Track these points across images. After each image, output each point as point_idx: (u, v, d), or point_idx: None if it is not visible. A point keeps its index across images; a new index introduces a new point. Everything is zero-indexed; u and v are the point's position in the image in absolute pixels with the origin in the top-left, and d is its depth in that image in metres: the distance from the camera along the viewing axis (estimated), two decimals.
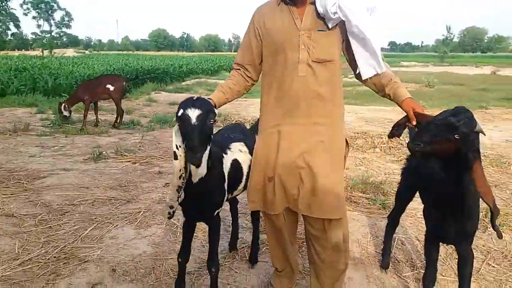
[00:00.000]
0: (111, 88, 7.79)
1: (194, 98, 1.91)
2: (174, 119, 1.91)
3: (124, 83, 8.16)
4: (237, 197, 3.05)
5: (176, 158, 1.89)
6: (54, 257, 2.93)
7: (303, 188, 2.11)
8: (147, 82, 17.36)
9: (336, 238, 2.16)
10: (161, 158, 5.68)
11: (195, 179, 2.06)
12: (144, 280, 2.75)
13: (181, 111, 1.85)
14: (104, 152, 5.61)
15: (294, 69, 2.06)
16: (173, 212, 2.08)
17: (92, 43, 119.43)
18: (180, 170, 1.91)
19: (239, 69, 2.30)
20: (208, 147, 1.98)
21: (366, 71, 2.12)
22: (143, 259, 3.01)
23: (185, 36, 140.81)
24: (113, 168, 5.13)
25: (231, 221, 3.31)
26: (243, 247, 3.28)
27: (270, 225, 2.39)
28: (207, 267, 2.39)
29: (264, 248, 3.21)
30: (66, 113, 7.73)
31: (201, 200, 2.15)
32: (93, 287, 2.64)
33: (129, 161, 5.45)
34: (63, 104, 7.74)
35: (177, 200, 2.03)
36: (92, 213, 3.72)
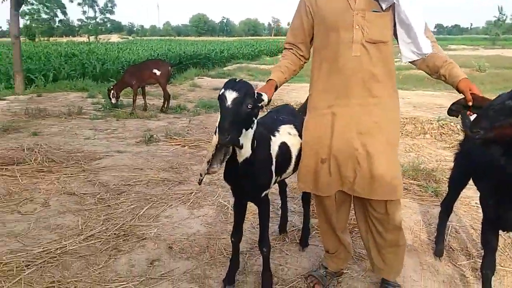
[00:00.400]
0: (158, 72, 7.97)
1: (236, 80, 1.93)
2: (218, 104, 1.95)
3: (170, 68, 8.31)
4: (286, 180, 3.08)
5: (215, 133, 1.93)
6: (114, 234, 3.10)
7: (360, 170, 2.12)
8: (190, 68, 17.62)
9: (398, 218, 2.24)
10: (209, 142, 5.78)
11: (239, 159, 2.09)
12: (199, 258, 2.86)
13: (221, 91, 1.89)
14: (154, 136, 5.78)
15: (347, 48, 2.05)
16: (201, 180, 2.17)
17: (134, 28, 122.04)
18: (216, 146, 1.96)
19: (291, 48, 2.32)
20: (249, 131, 2.00)
21: (406, 55, 2.12)
22: (198, 238, 3.12)
23: (224, 20, 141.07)
24: (164, 151, 5.30)
25: (279, 204, 3.36)
26: (292, 230, 3.31)
27: (321, 208, 2.41)
28: (258, 247, 2.44)
29: (314, 232, 3.24)
30: (113, 101, 7.99)
31: (247, 180, 2.18)
32: (152, 263, 2.77)
33: (178, 144, 5.60)
34: (111, 91, 8.00)
35: (206, 171, 2.08)
36: (147, 193, 3.88)
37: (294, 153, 2.55)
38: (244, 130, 1.95)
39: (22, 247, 2.82)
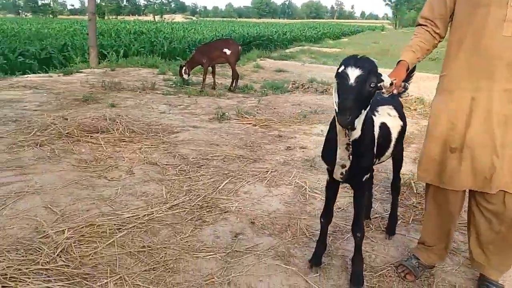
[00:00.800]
0: (228, 52, 7.97)
1: (358, 57, 1.80)
2: (334, 76, 1.83)
3: (239, 47, 8.30)
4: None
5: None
6: (198, 205, 3.13)
7: (501, 163, 1.94)
8: (252, 49, 17.60)
9: None
10: (279, 122, 5.73)
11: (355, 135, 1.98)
12: (282, 236, 2.82)
13: (341, 68, 1.74)
14: (226, 114, 5.81)
15: (497, 27, 1.84)
16: (346, 172, 2.02)
17: (197, 9, 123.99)
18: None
19: (425, 24, 2.13)
20: (364, 112, 1.86)
21: None
22: (278, 216, 3.08)
23: (286, 3, 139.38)
24: (236, 129, 5.30)
25: None
26: (376, 218, 3.18)
27: (436, 200, 2.25)
28: (352, 232, 2.35)
29: (400, 221, 3.09)
30: (185, 76, 8.13)
31: (351, 162, 2.07)
32: (236, 236, 2.77)
33: (249, 123, 5.59)
34: (183, 68, 8.13)
35: (349, 158, 1.96)
36: (224, 168, 3.90)
37: (394, 135, 2.41)
38: (363, 111, 1.83)
39: (112, 211, 2.93)
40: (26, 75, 9.05)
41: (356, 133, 1.96)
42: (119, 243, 2.56)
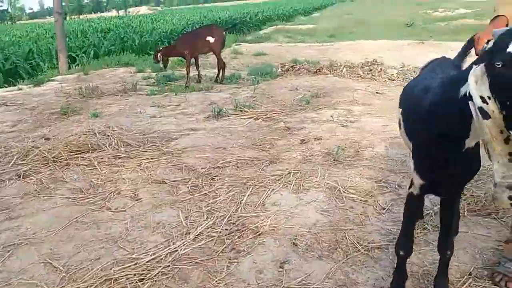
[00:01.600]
0: (212, 40, 7.36)
1: None
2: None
3: (224, 32, 7.71)
4: None
5: (486, 116, 1.26)
6: (225, 229, 2.65)
7: None
8: (226, 34, 16.87)
9: None
10: (282, 112, 5.25)
11: (466, 145, 1.52)
12: (334, 257, 2.38)
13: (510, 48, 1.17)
14: (223, 109, 5.29)
15: None
16: None
17: None
18: (502, 132, 1.26)
19: None
20: None
21: None
22: (322, 230, 2.63)
23: None
24: (238, 126, 4.80)
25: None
26: (429, 215, 2.77)
27: None
28: (440, 250, 1.92)
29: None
30: (161, 65, 7.61)
31: (463, 170, 1.62)
32: (281, 266, 2.31)
33: (250, 117, 5.09)
34: (159, 53, 7.51)
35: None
36: (241, 176, 3.41)
37: None
38: None
39: (127, 255, 2.41)
40: None
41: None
42: None
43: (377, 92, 5.90)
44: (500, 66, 1.18)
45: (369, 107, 5.21)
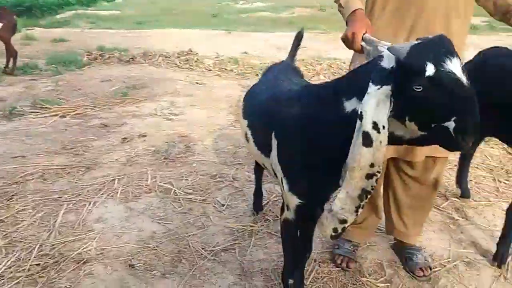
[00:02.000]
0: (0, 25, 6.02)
1: (431, 37, 1.12)
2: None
3: (15, 17, 6.41)
4: None
5: (368, 144, 1.12)
6: (37, 264, 2.04)
7: None
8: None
9: (436, 175, 2.02)
10: (95, 107, 4.58)
11: None
12: (179, 271, 2.08)
13: (430, 67, 1.04)
14: (16, 107, 4.31)
15: None
16: (343, 230, 1.29)
17: None
18: (373, 166, 1.15)
19: None
20: None
21: None
22: (161, 243, 2.29)
23: None
24: (39, 126, 3.95)
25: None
26: (266, 204, 2.72)
27: None
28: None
29: None
30: None
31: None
32: None
33: (55, 115, 4.26)
34: None
35: (356, 212, 1.24)
36: (50, 191, 2.75)
37: None
38: None
39: None
40: None
41: None
42: None
43: (197, 83, 5.72)
44: (420, 90, 1.05)
45: (192, 98, 4.99)
